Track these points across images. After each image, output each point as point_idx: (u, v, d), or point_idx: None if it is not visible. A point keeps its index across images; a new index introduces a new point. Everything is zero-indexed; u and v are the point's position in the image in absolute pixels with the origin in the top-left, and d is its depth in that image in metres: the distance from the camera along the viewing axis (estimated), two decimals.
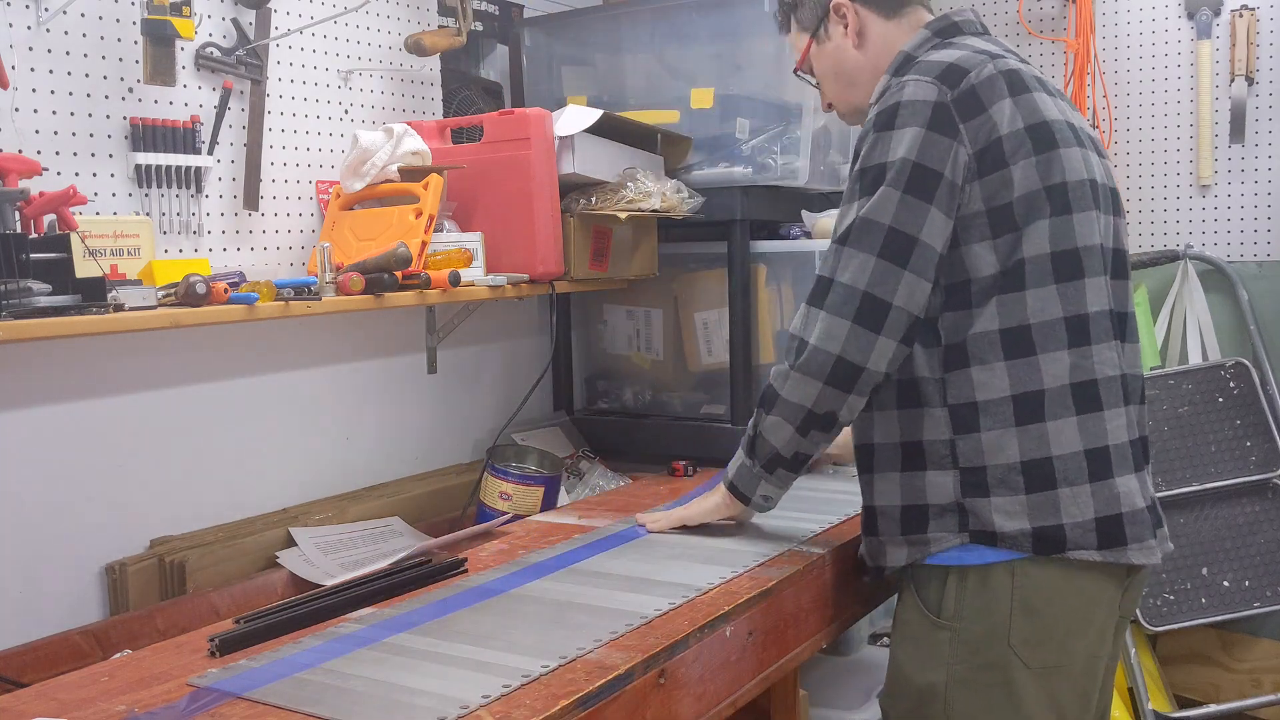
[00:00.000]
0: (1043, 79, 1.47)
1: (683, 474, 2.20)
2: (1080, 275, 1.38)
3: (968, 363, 1.38)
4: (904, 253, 1.35)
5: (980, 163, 1.36)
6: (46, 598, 1.60)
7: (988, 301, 1.37)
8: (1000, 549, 1.37)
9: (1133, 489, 1.39)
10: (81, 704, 1.14)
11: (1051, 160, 1.37)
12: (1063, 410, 1.36)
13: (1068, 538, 1.36)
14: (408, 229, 1.88)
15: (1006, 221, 1.36)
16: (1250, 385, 2.75)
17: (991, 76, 1.38)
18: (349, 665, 1.20)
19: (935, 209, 1.35)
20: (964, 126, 1.36)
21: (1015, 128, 1.37)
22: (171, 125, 1.76)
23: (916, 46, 1.51)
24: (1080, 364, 1.37)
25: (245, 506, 1.88)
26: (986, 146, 1.36)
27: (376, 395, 2.15)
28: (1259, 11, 2.81)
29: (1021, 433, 1.36)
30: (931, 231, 1.35)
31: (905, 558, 1.45)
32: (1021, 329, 1.36)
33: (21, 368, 1.58)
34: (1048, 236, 1.36)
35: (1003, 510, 1.37)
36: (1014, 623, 1.37)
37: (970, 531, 1.39)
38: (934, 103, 1.37)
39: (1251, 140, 2.85)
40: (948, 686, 1.41)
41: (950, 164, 1.35)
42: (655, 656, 1.23)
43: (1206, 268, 2.90)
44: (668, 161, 2.27)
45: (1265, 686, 2.83)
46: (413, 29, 2.20)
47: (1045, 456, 1.36)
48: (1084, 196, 1.39)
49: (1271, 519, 2.73)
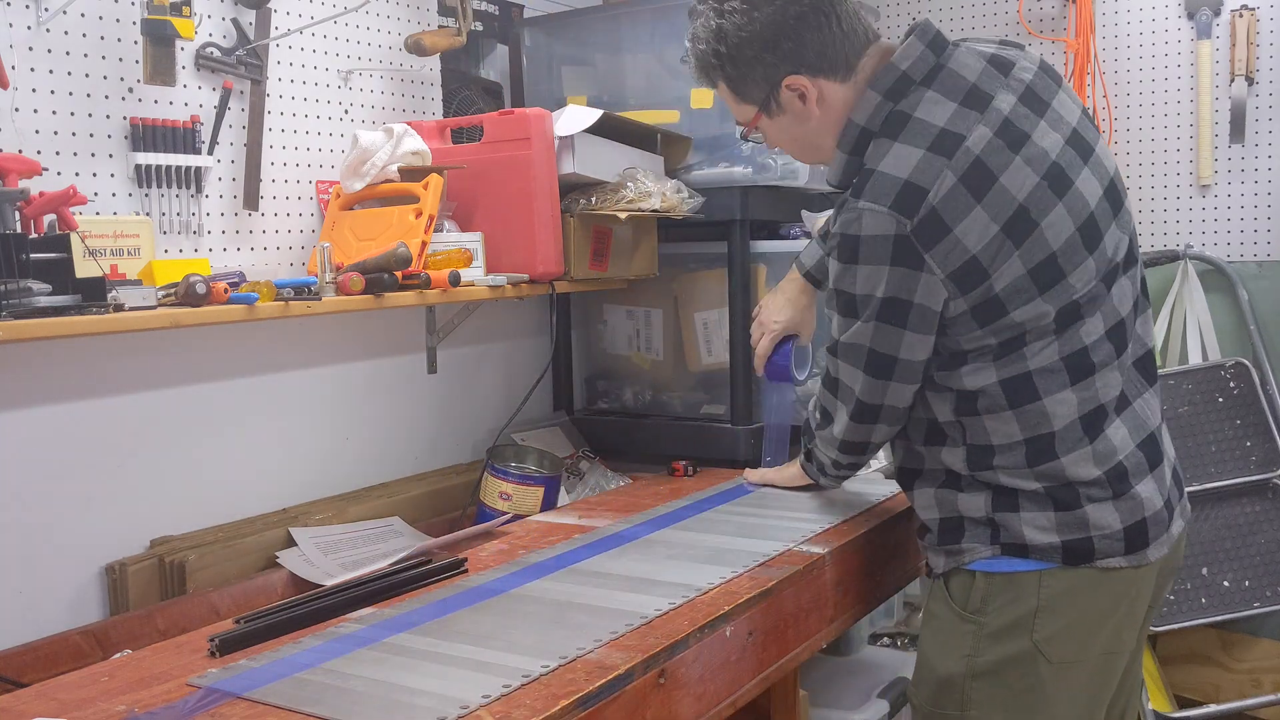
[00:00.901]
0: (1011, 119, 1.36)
1: (683, 474, 2.20)
2: (1078, 319, 1.38)
3: (978, 411, 1.41)
4: (888, 369, 1.43)
5: (959, 282, 1.34)
6: (46, 598, 1.60)
7: (986, 360, 1.39)
8: (1031, 559, 1.41)
9: (1151, 491, 1.42)
10: (81, 704, 1.14)
11: (1035, 242, 1.34)
12: (1076, 444, 1.39)
13: (1096, 549, 1.39)
14: (408, 229, 1.88)
15: (994, 310, 1.36)
16: (1250, 385, 2.75)
17: (952, 190, 1.32)
18: (349, 665, 1.20)
19: (910, 332, 1.38)
20: (929, 256, 1.33)
21: (989, 236, 1.32)
22: (171, 125, 1.76)
23: (869, 117, 1.42)
24: (1086, 395, 1.39)
25: (245, 506, 1.88)
26: (960, 267, 1.33)
27: (376, 395, 2.15)
28: (1259, 11, 2.81)
29: (1037, 472, 1.40)
30: (910, 349, 1.40)
31: (944, 565, 1.50)
32: (1023, 377, 1.38)
33: (21, 368, 1.58)
34: (1042, 307, 1.36)
35: (1033, 524, 1.40)
36: (1039, 619, 1.40)
37: (1001, 544, 1.43)
38: (893, 237, 1.33)
39: (1251, 140, 2.85)
40: (967, 677, 1.44)
41: (920, 291, 1.35)
42: (655, 656, 1.23)
43: (1206, 268, 2.90)
44: (668, 161, 2.27)
45: (1265, 686, 2.83)
46: (413, 29, 2.20)
47: (1066, 483, 1.40)
48: (1075, 251, 1.36)
49: (1271, 519, 2.73)
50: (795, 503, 1.91)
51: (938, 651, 1.49)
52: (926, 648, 1.52)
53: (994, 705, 1.43)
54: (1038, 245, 1.35)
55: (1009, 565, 1.43)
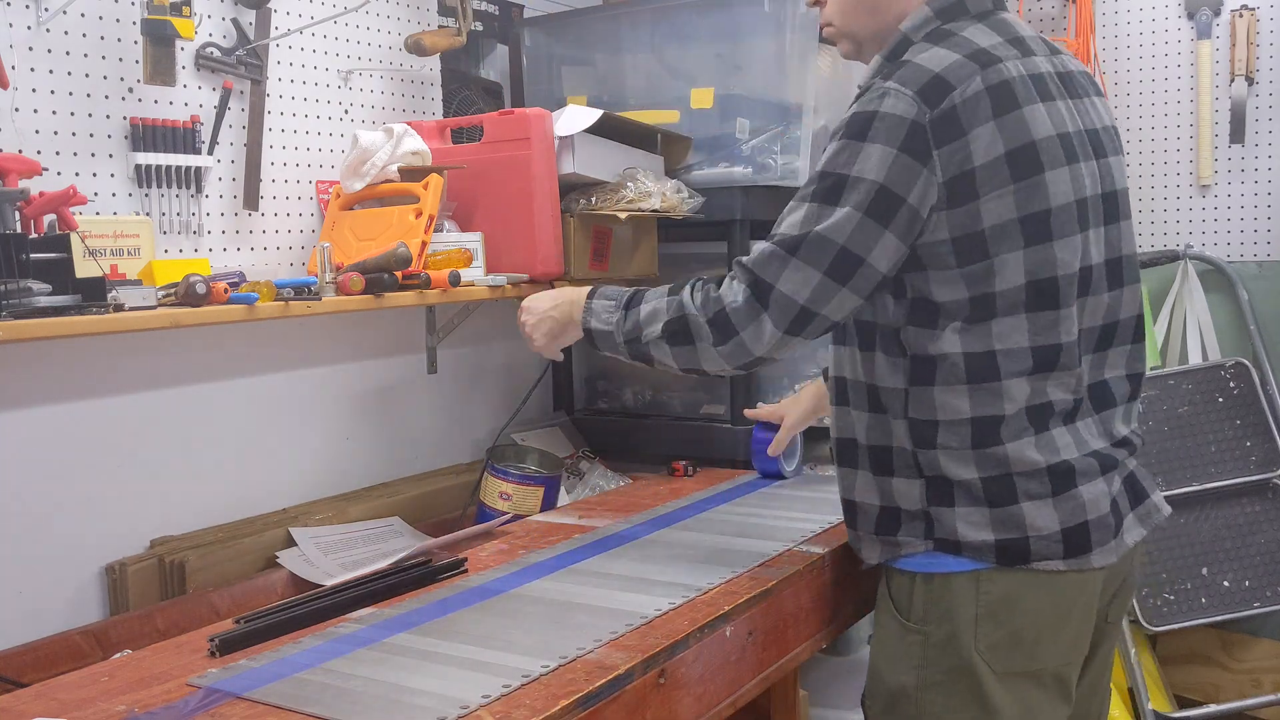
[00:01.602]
0: (1047, 77, 1.37)
1: (683, 474, 2.20)
2: (1055, 305, 1.33)
3: (932, 381, 1.36)
4: (849, 273, 1.33)
5: (949, 192, 1.30)
6: (46, 598, 1.60)
7: (954, 324, 1.34)
8: (964, 558, 1.36)
9: (1099, 494, 1.36)
10: (81, 704, 1.14)
11: (1034, 187, 1.31)
12: (1022, 432, 1.34)
13: (1032, 549, 1.34)
14: (408, 229, 1.88)
15: (976, 251, 1.31)
16: (1250, 385, 2.75)
17: (977, 94, 1.30)
18: (349, 665, 1.20)
19: (891, 233, 1.31)
20: (938, 153, 1.29)
21: (993, 155, 1.29)
22: (171, 125, 1.76)
23: (915, 27, 1.41)
24: (1041, 388, 1.34)
25: (245, 506, 1.88)
26: (958, 176, 1.29)
27: (376, 395, 2.15)
28: (1259, 11, 2.81)
29: (979, 455, 1.35)
30: (881, 255, 1.32)
31: (879, 556, 1.45)
32: (987, 355, 1.33)
33: (21, 368, 1.58)
34: (1023, 267, 1.31)
35: (966, 520, 1.35)
36: (980, 628, 1.36)
37: (935, 539, 1.38)
38: (910, 121, 1.29)
39: (1251, 140, 2.85)
40: (919, 689, 1.40)
41: (916, 191, 1.30)
42: (655, 656, 1.23)
43: (1206, 268, 2.90)
44: (668, 161, 2.27)
45: (1265, 686, 2.83)
46: (413, 29, 2.20)
47: (1005, 474, 1.34)
48: (1069, 221, 1.33)
49: (1271, 519, 2.73)
50: (795, 503, 1.91)
51: (888, 663, 1.45)
52: (877, 659, 1.48)
53: (948, 717, 1.39)
54: (1036, 193, 1.31)
55: (942, 564, 1.37)
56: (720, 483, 2.09)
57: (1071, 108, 1.39)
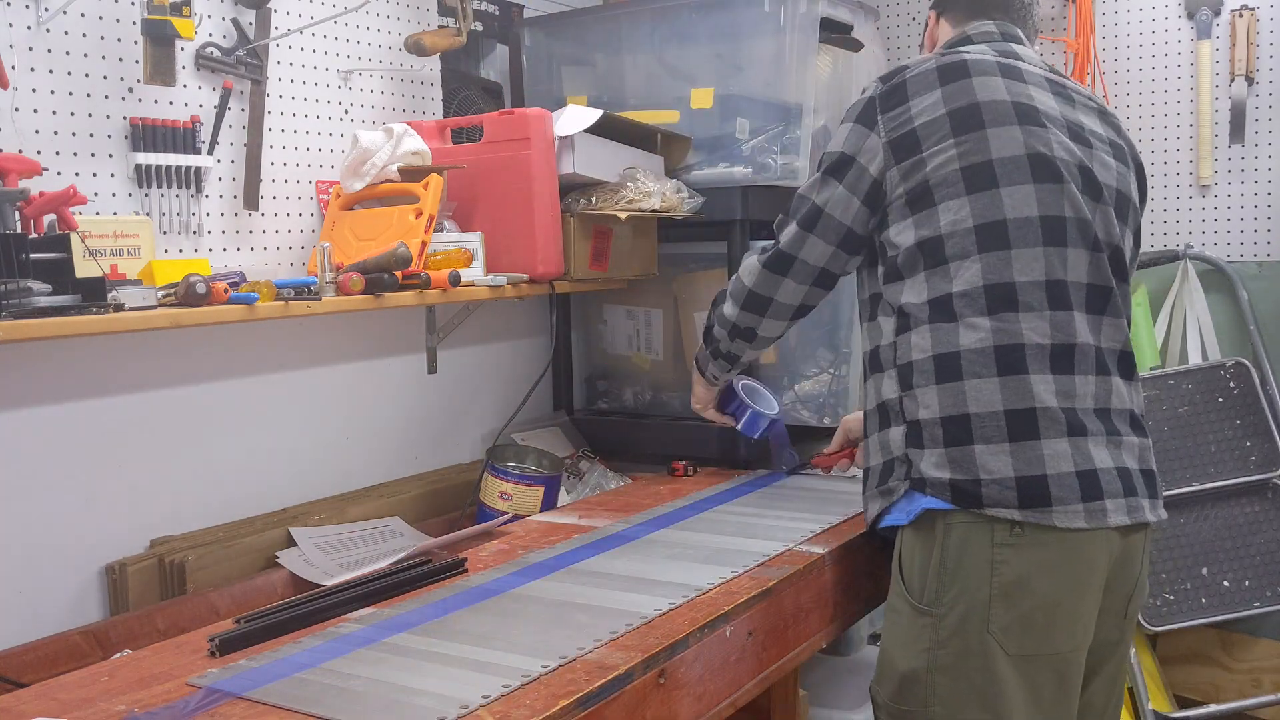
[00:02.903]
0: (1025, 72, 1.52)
1: (683, 474, 2.20)
2: (1006, 246, 1.43)
3: (909, 327, 1.48)
4: (813, 220, 1.58)
5: (895, 150, 1.49)
6: (46, 598, 1.60)
7: (916, 273, 1.48)
8: (929, 495, 1.43)
9: (1062, 453, 1.39)
10: (81, 704, 1.14)
11: (977, 140, 1.45)
12: (983, 370, 1.41)
13: (983, 494, 1.39)
14: (408, 229, 1.88)
15: (924, 199, 1.47)
16: (1250, 385, 2.75)
17: (926, 71, 1.50)
18: (349, 665, 1.21)
19: (842, 185, 1.55)
20: (882, 118, 1.51)
21: (934, 115, 1.47)
22: (171, 125, 1.76)
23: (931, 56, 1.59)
24: (1004, 328, 1.42)
25: (245, 506, 1.88)
26: (901, 135, 1.49)
27: (376, 395, 2.15)
28: (1259, 11, 2.81)
29: (941, 390, 1.43)
30: (837, 205, 1.55)
31: (878, 508, 1.52)
32: (944, 298, 1.45)
33: (22, 368, 1.58)
34: (969, 212, 1.44)
35: (929, 460, 1.44)
36: (993, 610, 1.40)
37: (910, 479, 1.46)
38: (868, 98, 1.55)
39: (1251, 140, 2.85)
40: (930, 672, 1.43)
41: (865, 152, 1.52)
42: (655, 656, 1.23)
43: (1206, 268, 2.90)
44: (668, 161, 2.27)
45: (1265, 686, 2.83)
46: (413, 29, 2.20)
47: (963, 413, 1.42)
48: (1018, 170, 1.44)
49: (1271, 519, 2.72)
50: (795, 503, 1.91)
51: (899, 647, 1.48)
52: (888, 643, 1.51)
53: (957, 699, 1.42)
54: (977, 146, 1.45)
55: (916, 504, 1.44)
56: (720, 483, 2.09)
57: (1051, 99, 1.51)
